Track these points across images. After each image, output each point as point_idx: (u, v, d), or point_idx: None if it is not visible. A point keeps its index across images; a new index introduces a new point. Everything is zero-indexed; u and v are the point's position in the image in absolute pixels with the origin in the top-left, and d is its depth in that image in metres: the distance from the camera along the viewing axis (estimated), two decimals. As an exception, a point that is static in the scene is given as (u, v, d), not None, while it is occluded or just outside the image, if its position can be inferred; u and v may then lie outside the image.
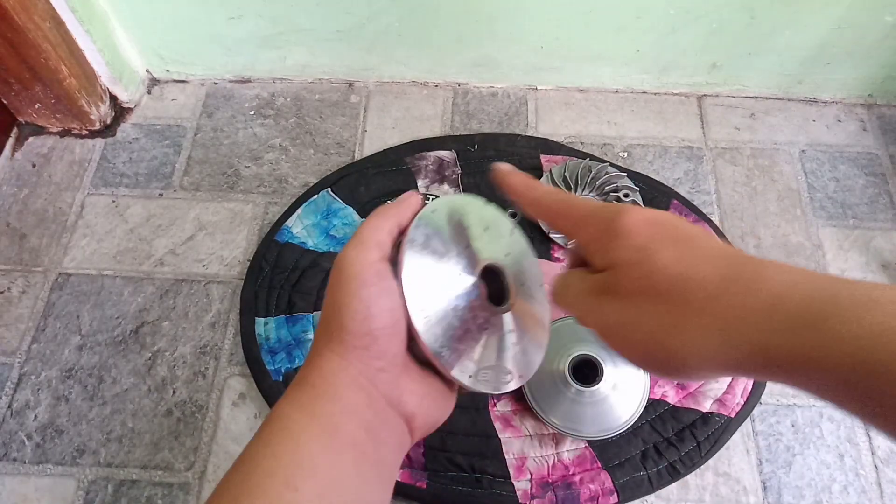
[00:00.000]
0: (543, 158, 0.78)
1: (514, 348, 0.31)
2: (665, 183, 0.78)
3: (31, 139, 0.84)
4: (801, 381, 0.21)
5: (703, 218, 0.74)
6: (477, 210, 0.33)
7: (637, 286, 0.24)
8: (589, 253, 0.27)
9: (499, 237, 0.33)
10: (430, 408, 0.29)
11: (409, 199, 0.30)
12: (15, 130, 0.84)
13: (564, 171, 0.75)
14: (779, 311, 0.21)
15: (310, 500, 0.24)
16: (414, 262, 0.28)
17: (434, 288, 0.29)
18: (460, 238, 0.31)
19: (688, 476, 0.61)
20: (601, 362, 0.61)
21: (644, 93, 0.87)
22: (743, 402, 0.63)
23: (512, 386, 0.31)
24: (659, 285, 0.24)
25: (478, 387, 0.30)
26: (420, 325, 0.28)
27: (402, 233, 0.29)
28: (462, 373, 0.29)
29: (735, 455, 0.63)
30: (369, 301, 0.27)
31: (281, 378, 0.65)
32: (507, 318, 0.31)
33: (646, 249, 0.24)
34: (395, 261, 0.29)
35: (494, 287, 0.32)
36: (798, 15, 0.74)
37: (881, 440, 0.64)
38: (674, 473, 0.60)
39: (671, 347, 0.23)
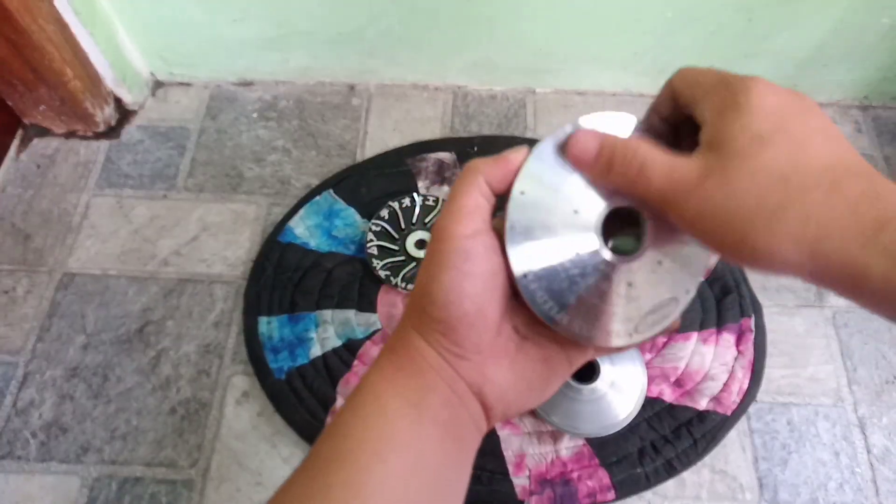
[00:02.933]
0: (543, 160, 0.79)
1: (637, 300, 0.28)
2: (663, 184, 0.79)
3: (35, 141, 0.84)
4: (886, 310, 0.21)
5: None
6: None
7: (740, 178, 0.22)
8: (704, 119, 0.24)
9: None
10: (514, 399, 0.28)
11: (511, 153, 0.27)
12: (20, 132, 0.85)
13: (563, 173, 0.76)
14: (884, 236, 0.20)
15: (397, 473, 0.25)
16: (520, 223, 0.26)
17: (546, 245, 0.26)
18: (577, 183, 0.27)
19: (684, 473, 0.62)
20: (599, 360, 0.61)
21: (642, 95, 0.87)
22: (739, 401, 0.64)
23: (636, 340, 0.28)
24: (762, 183, 0.22)
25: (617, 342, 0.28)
26: (529, 295, 0.26)
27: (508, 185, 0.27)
28: (603, 336, 0.27)
29: (731, 452, 0.64)
30: (450, 286, 0.25)
31: (283, 376, 0.66)
32: (637, 267, 0.27)
33: (762, 140, 0.23)
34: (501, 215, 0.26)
35: (624, 233, 0.28)
36: (796, 17, 0.74)
37: (876, 438, 0.64)
38: (670, 470, 0.61)
39: (757, 244, 0.22)
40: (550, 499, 0.60)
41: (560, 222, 0.26)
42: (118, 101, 0.85)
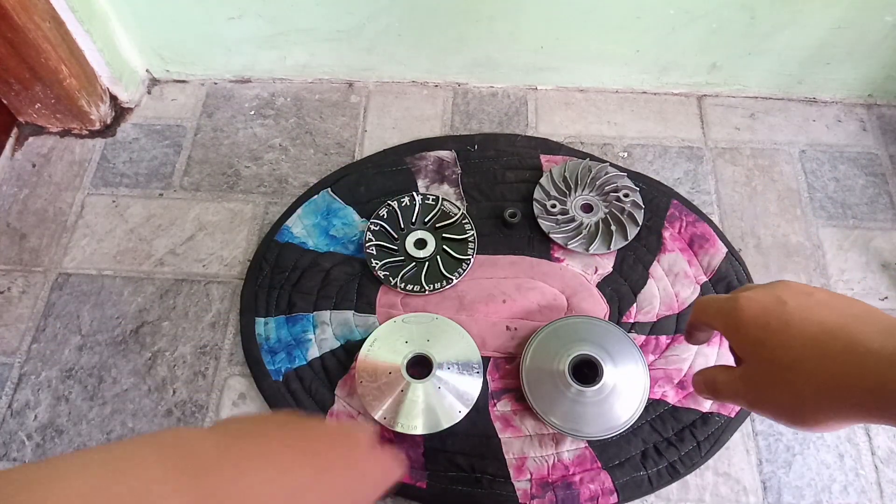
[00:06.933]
0: (543, 158, 0.78)
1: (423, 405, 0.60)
2: (665, 183, 0.78)
3: (31, 139, 0.84)
4: None
5: (703, 218, 0.74)
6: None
7: (762, 377, 0.34)
8: (728, 339, 0.37)
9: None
10: None
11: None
12: (15, 130, 0.84)
13: (564, 171, 0.75)
14: (867, 370, 0.29)
15: None
16: None
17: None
18: None
19: (688, 476, 0.61)
20: (601, 362, 0.61)
21: (644, 93, 0.87)
22: (743, 402, 0.63)
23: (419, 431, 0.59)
24: (776, 375, 0.33)
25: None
26: None
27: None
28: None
29: (735, 455, 0.63)
30: None
31: (281, 378, 0.65)
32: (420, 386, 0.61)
33: (760, 344, 0.34)
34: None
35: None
36: (798, 15, 0.74)
37: (881, 440, 0.64)
38: (674, 473, 0.60)
39: (798, 410, 0.33)
40: (552, 502, 0.59)
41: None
42: (114, 99, 0.84)
